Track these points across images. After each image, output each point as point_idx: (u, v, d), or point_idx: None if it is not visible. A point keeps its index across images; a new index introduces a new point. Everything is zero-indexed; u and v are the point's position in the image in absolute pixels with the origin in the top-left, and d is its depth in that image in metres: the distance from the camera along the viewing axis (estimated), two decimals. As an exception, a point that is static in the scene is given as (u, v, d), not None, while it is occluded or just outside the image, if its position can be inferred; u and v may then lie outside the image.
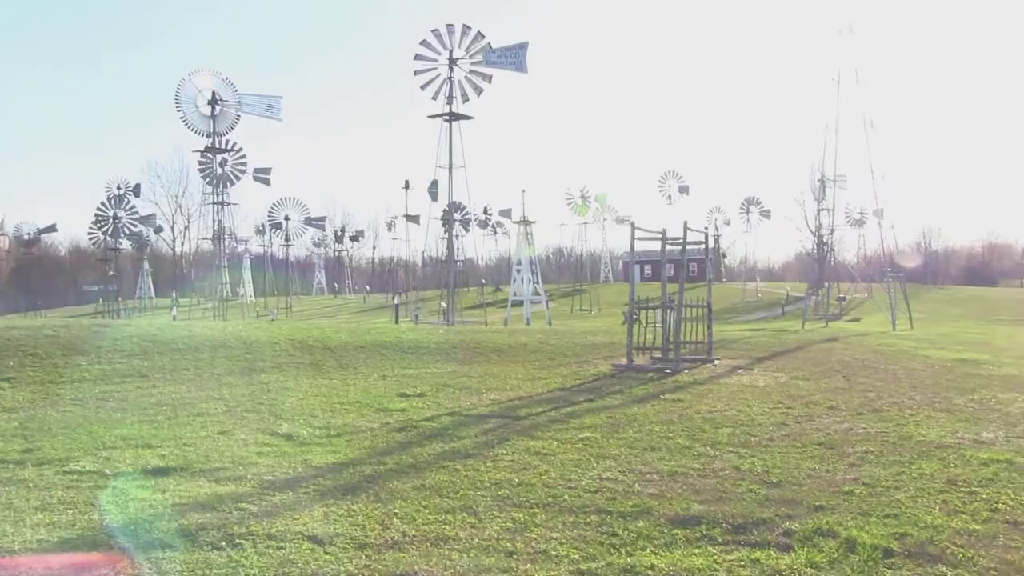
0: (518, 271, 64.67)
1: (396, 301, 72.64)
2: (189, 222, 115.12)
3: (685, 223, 19.09)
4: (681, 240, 19.10)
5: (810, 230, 68.77)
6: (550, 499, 7.51)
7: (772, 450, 9.60)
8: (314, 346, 20.57)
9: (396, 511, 7.16)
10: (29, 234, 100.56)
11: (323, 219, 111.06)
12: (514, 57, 49.92)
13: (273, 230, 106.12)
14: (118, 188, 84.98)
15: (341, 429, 11.11)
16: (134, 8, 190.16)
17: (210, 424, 11.66)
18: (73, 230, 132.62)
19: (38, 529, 6.68)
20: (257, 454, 9.56)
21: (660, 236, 19.26)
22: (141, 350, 19.25)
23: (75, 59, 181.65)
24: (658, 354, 18.98)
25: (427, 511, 7.17)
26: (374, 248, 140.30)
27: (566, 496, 7.60)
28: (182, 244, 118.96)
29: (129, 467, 8.91)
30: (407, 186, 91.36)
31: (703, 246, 22.04)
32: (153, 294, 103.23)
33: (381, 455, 9.53)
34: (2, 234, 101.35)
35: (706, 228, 47.04)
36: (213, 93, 60.86)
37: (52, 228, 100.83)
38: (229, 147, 65.45)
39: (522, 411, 12.62)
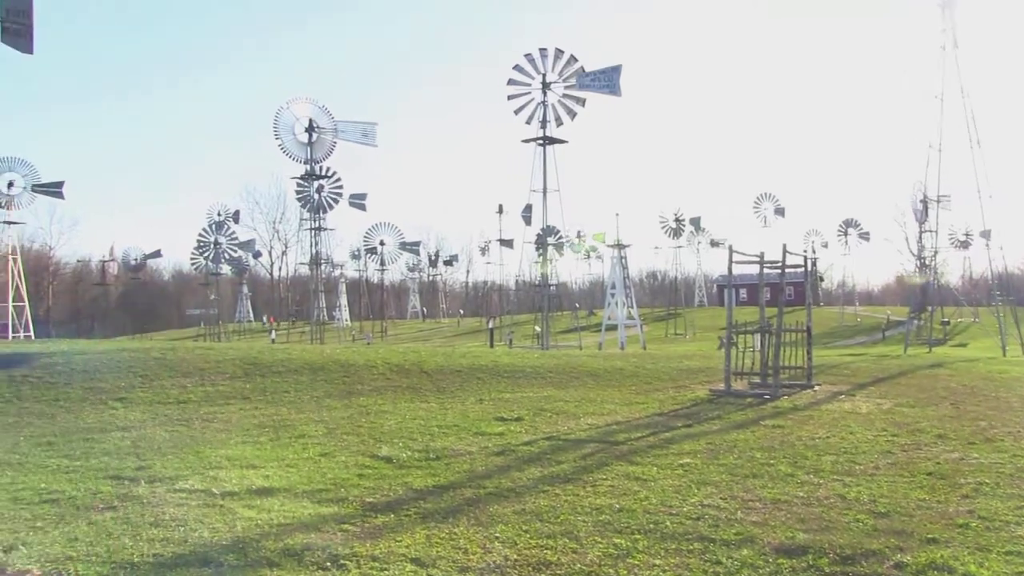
0: (612, 295, 64.30)
1: (490, 325, 73.06)
2: (287, 247, 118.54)
3: (784, 246, 18.78)
4: (779, 263, 18.79)
5: (912, 252, 66.90)
6: (651, 525, 7.42)
7: (878, 479, 9.32)
8: (411, 370, 20.83)
9: (497, 535, 7.18)
10: (135, 259, 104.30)
11: (417, 244, 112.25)
12: (607, 80, 49.92)
13: (368, 255, 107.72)
14: (218, 215, 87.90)
15: (440, 452, 11.19)
16: (229, 31, 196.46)
17: (311, 446, 11.89)
18: (176, 255, 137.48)
19: (153, 544, 6.89)
20: (358, 476, 9.69)
21: (758, 259, 18.99)
22: (243, 372, 19.79)
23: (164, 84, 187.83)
24: (756, 379, 18.68)
25: (528, 535, 7.16)
26: (468, 272, 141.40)
27: (667, 522, 7.50)
28: (279, 269, 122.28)
29: (235, 487, 9.12)
30: (501, 211, 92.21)
31: (801, 269, 21.64)
32: (252, 318, 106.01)
33: (480, 479, 9.57)
34: (111, 260, 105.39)
35: (804, 251, 46.16)
36: (310, 121, 62.18)
37: (157, 254, 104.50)
38: (326, 173, 66.96)
39: (620, 436, 12.54)
